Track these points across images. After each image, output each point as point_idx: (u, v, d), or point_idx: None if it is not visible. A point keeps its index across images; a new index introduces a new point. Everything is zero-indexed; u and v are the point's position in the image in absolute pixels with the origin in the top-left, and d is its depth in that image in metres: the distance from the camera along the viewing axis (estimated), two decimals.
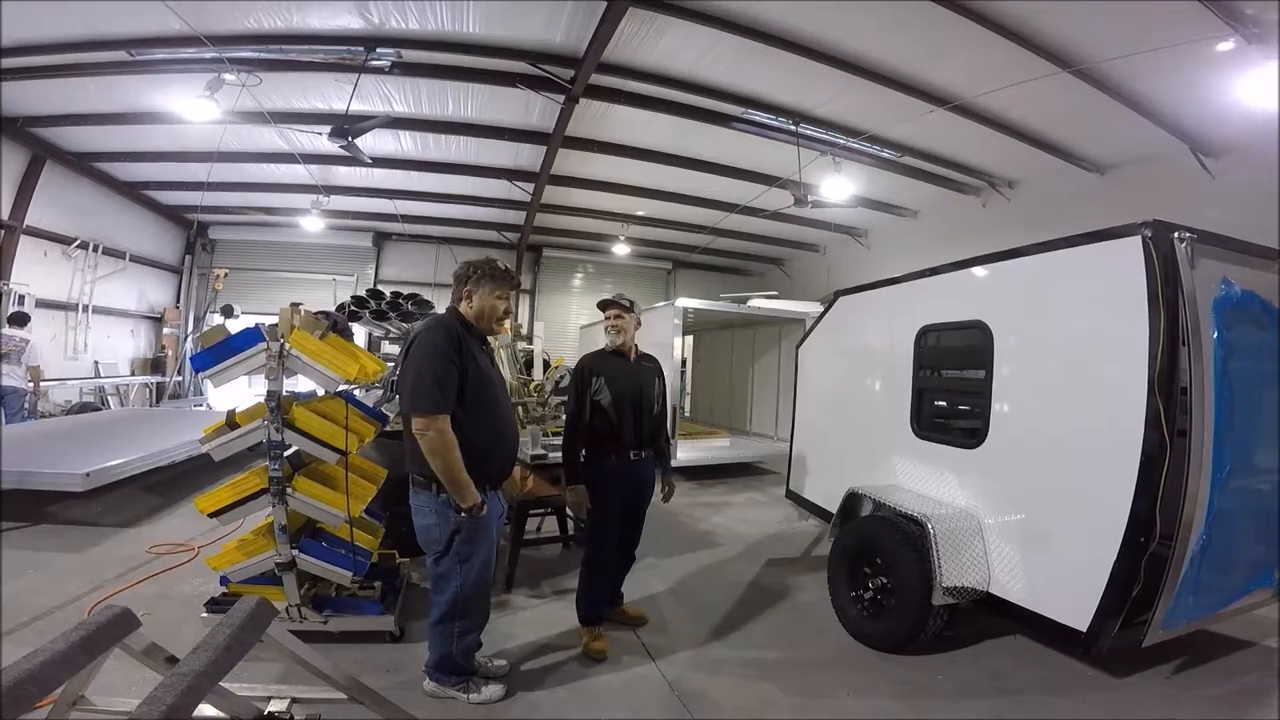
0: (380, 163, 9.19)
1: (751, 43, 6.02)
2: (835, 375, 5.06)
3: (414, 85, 7.41)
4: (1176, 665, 3.17)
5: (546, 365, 7.99)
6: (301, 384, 3.38)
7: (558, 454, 4.17)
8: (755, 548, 5.20)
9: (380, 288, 8.40)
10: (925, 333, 3.93)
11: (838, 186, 8.63)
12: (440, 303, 6.61)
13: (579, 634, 3.28)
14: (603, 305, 3.33)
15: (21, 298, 8.76)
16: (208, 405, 10.84)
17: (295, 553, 2.97)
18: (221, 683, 1.77)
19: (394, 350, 6.76)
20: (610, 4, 5.48)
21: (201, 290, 13.42)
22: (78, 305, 10.48)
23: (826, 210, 10.33)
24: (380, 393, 5.53)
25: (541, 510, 4.73)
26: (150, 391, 11.99)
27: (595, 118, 7.96)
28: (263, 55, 6.69)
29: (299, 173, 10.19)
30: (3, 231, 8.84)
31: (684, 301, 7.95)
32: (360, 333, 6.19)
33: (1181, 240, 2.63)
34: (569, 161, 9.33)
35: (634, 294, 3.75)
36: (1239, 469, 2.74)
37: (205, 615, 3.06)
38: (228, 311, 10.81)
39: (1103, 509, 2.67)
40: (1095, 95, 6.20)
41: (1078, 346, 3.01)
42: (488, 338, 2.79)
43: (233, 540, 3.16)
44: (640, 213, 12.07)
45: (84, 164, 9.99)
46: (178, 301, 13.28)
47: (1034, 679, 3.09)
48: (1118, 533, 2.59)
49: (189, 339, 12.46)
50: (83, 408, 9.45)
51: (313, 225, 12.11)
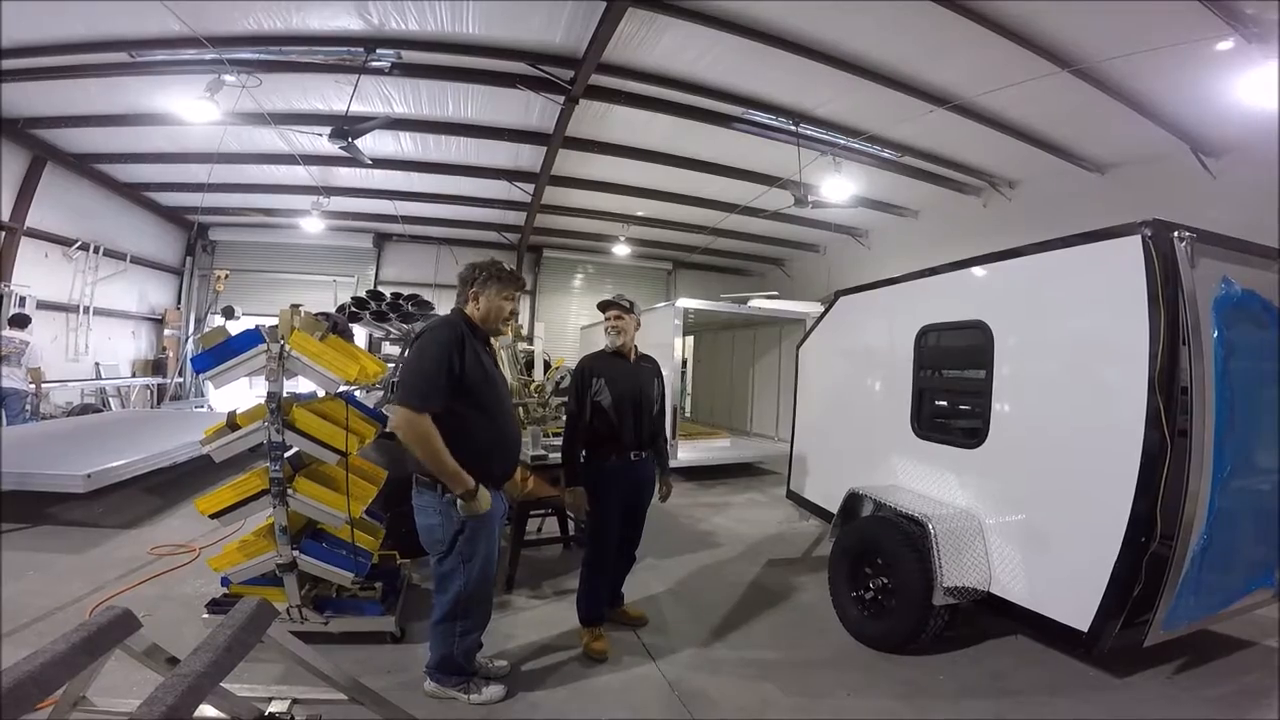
0: (380, 164, 9.19)
1: (751, 43, 6.02)
2: (836, 375, 5.06)
3: (414, 86, 7.41)
4: (1178, 665, 3.16)
5: (547, 366, 8.01)
6: (302, 385, 3.38)
7: (558, 455, 4.19)
8: (756, 548, 5.20)
9: (380, 289, 8.41)
10: (925, 333, 3.93)
11: (838, 186, 8.64)
12: (441, 304, 6.63)
13: (579, 634, 3.28)
14: (603, 306, 3.34)
15: (22, 299, 8.77)
16: (209, 407, 10.85)
17: (296, 554, 2.97)
18: (222, 684, 1.77)
19: (394, 351, 6.76)
20: (610, 4, 5.48)
21: (202, 292, 13.44)
22: (79, 307, 10.49)
23: (827, 210, 10.33)
24: (381, 394, 5.53)
25: (542, 511, 4.74)
26: (151, 393, 12.00)
27: (595, 118, 7.97)
28: (263, 56, 6.70)
29: (299, 174, 10.20)
30: (3, 233, 8.85)
31: (684, 302, 7.95)
32: (360, 334, 6.18)
33: (1181, 239, 2.63)
34: (569, 162, 9.33)
35: (634, 295, 3.75)
36: (1240, 469, 2.73)
37: (206, 616, 3.06)
38: (229, 313, 10.84)
39: (1103, 509, 2.67)
40: (1095, 95, 6.20)
41: (1078, 346, 3.01)
42: (491, 339, 2.80)
43: (234, 541, 3.16)
44: (640, 213, 12.07)
45: (85, 165, 10.00)
46: (178, 303, 13.29)
47: (1035, 679, 3.09)
48: (1118, 533, 2.59)
49: (190, 340, 12.46)
50: (84, 409, 9.46)
51: (313, 226, 12.14)
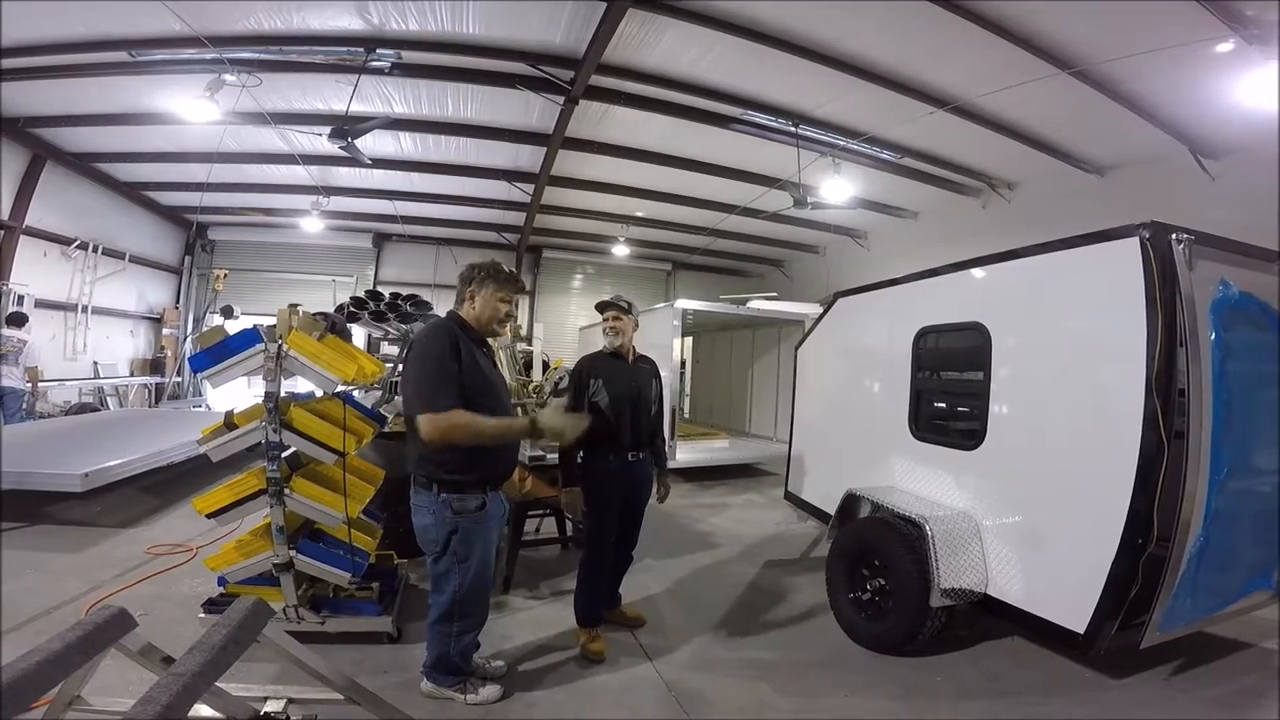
0: (380, 164, 9.19)
1: (751, 44, 6.03)
2: (834, 376, 5.07)
3: (414, 86, 7.42)
4: (1175, 667, 3.16)
5: (546, 366, 8.01)
6: (300, 385, 3.38)
7: (556, 455, 4.19)
8: (754, 549, 5.20)
9: (379, 289, 8.40)
10: (924, 334, 3.93)
11: (837, 188, 8.64)
12: (440, 304, 6.61)
13: (577, 635, 3.28)
14: (601, 307, 3.34)
15: (21, 298, 8.77)
16: (207, 406, 10.84)
17: (293, 554, 2.97)
18: (218, 683, 1.76)
19: (393, 351, 6.75)
20: (610, 5, 5.48)
21: (201, 291, 13.44)
22: (77, 306, 10.49)
23: (826, 211, 10.34)
24: (379, 394, 5.52)
25: (540, 511, 4.73)
26: (149, 392, 11.99)
27: (595, 119, 7.97)
28: (263, 56, 6.70)
29: (299, 174, 10.20)
30: (2, 232, 8.85)
31: (683, 303, 7.95)
32: (359, 334, 6.17)
33: (1179, 242, 2.63)
34: (568, 162, 9.34)
35: (633, 295, 3.76)
36: (1237, 470, 2.73)
37: (203, 615, 3.05)
38: (227, 312, 10.81)
39: (1101, 510, 2.67)
40: (1095, 96, 6.21)
41: (1076, 348, 3.01)
42: (488, 340, 2.80)
43: (231, 541, 3.16)
44: (639, 214, 12.07)
45: (84, 164, 10.01)
46: (177, 302, 13.29)
47: (1032, 680, 3.09)
48: (1115, 534, 2.59)
49: (188, 340, 12.46)
50: (82, 408, 9.45)
51: (312, 226, 12.14)
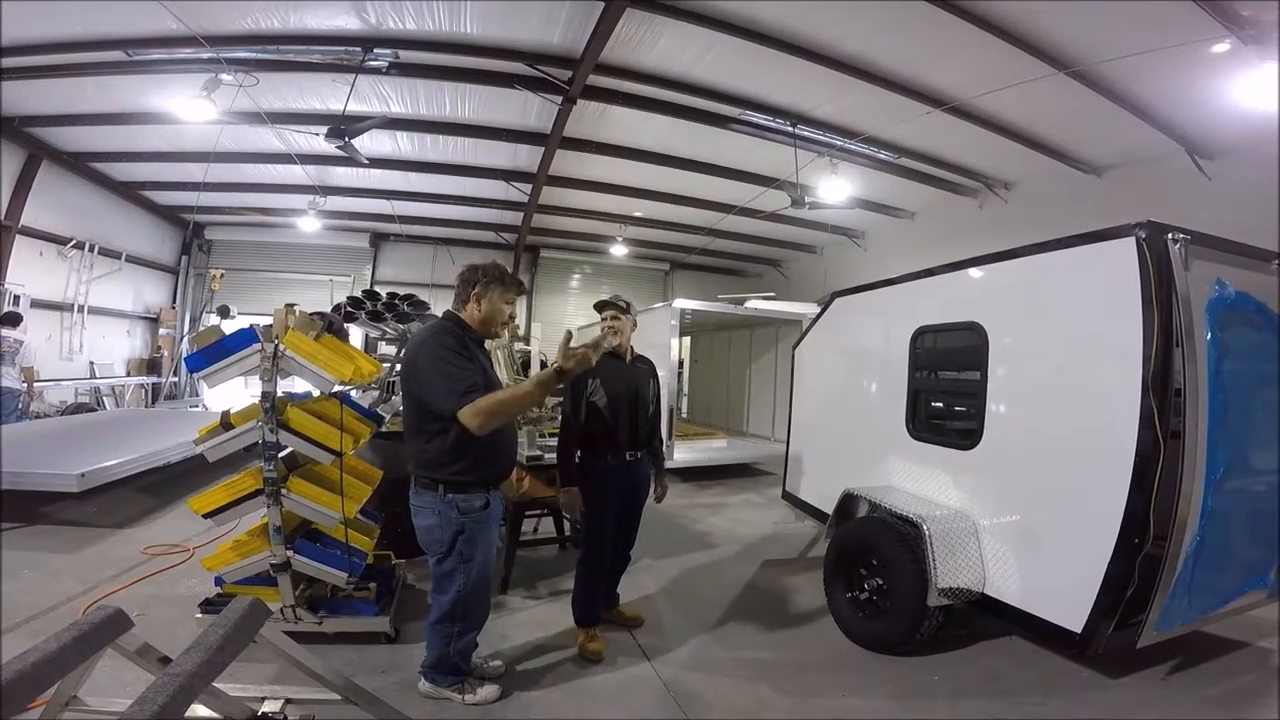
0: (377, 163, 9.17)
1: (749, 44, 6.03)
2: (831, 376, 5.07)
3: (411, 86, 7.40)
4: (1171, 666, 3.17)
5: (543, 366, 8.00)
6: (297, 385, 3.37)
7: (554, 455, 4.18)
8: (751, 549, 5.20)
9: (376, 288, 8.38)
10: (921, 334, 3.94)
11: (835, 188, 8.65)
12: (437, 303, 6.61)
13: (575, 635, 3.28)
14: (600, 306, 3.34)
15: (17, 298, 8.74)
16: (203, 406, 10.81)
17: (290, 554, 2.96)
18: (215, 683, 1.76)
19: (390, 351, 6.74)
20: (608, 4, 5.48)
21: (198, 291, 13.40)
22: (73, 305, 10.45)
23: (824, 211, 10.35)
24: (376, 394, 5.51)
25: (538, 511, 4.73)
26: (146, 392, 11.95)
27: (593, 119, 7.97)
28: (260, 55, 6.68)
29: (296, 173, 10.18)
30: None
31: (681, 303, 7.95)
32: (356, 333, 6.16)
33: (1175, 241, 2.64)
34: (566, 162, 9.33)
35: (631, 295, 3.75)
36: (1233, 470, 2.74)
37: (199, 616, 3.05)
38: (224, 312, 10.80)
39: (1097, 510, 2.68)
40: (1092, 97, 6.22)
41: (1072, 348, 3.02)
42: (485, 341, 2.80)
43: (227, 541, 3.15)
44: (637, 214, 12.07)
45: (80, 164, 9.97)
46: (174, 302, 13.25)
47: (1029, 679, 3.10)
48: (1112, 533, 2.60)
49: (185, 340, 12.42)
50: (78, 408, 9.41)
51: (309, 226, 12.11)
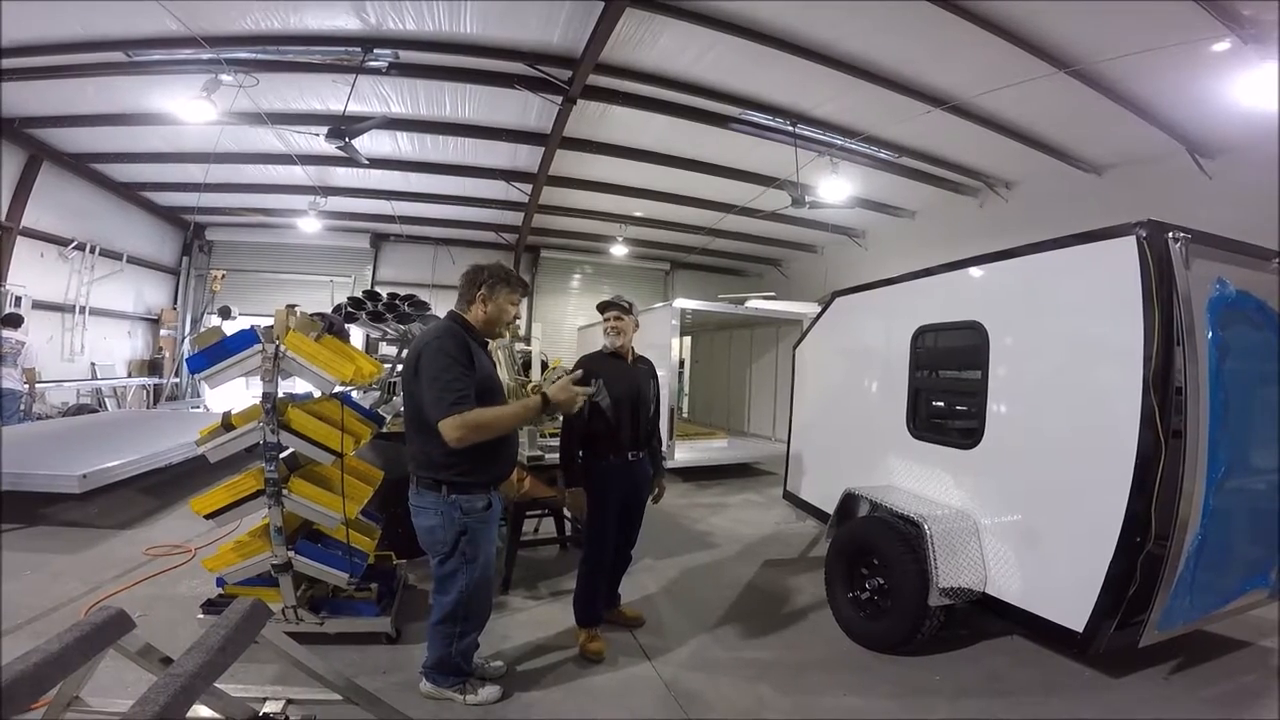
0: (377, 164, 9.17)
1: (749, 43, 6.03)
2: (832, 376, 5.07)
3: (411, 86, 7.40)
4: (1173, 666, 3.17)
5: (544, 366, 8.01)
6: (298, 386, 3.37)
7: (554, 455, 4.18)
8: (752, 548, 5.20)
9: (377, 289, 8.38)
10: (921, 333, 3.94)
11: (835, 187, 8.64)
12: (438, 304, 6.62)
13: (576, 635, 3.28)
14: (603, 307, 3.33)
15: (18, 299, 8.74)
16: (205, 407, 10.82)
17: (291, 554, 2.96)
18: (216, 684, 1.76)
19: (391, 352, 6.74)
20: (607, 4, 5.48)
21: (199, 292, 13.40)
22: (74, 307, 10.46)
23: (824, 211, 10.33)
24: (377, 394, 5.52)
25: (539, 511, 4.73)
26: (147, 393, 11.96)
27: (593, 118, 7.96)
28: (260, 56, 6.68)
29: (296, 174, 10.18)
30: None
31: (682, 302, 7.95)
32: (357, 334, 6.16)
33: (1176, 240, 2.64)
34: (566, 162, 9.33)
35: (632, 295, 3.76)
36: (1234, 469, 2.74)
37: (201, 616, 3.05)
38: (225, 313, 10.80)
39: (1099, 509, 2.68)
40: (1092, 96, 6.21)
41: (1073, 347, 3.01)
42: (488, 341, 2.80)
43: (229, 542, 3.15)
44: (638, 213, 12.07)
45: (81, 165, 9.97)
46: (175, 303, 13.26)
47: (1030, 679, 3.10)
48: (1114, 533, 2.60)
49: (186, 341, 12.42)
50: (79, 409, 9.42)
51: (310, 226, 12.12)
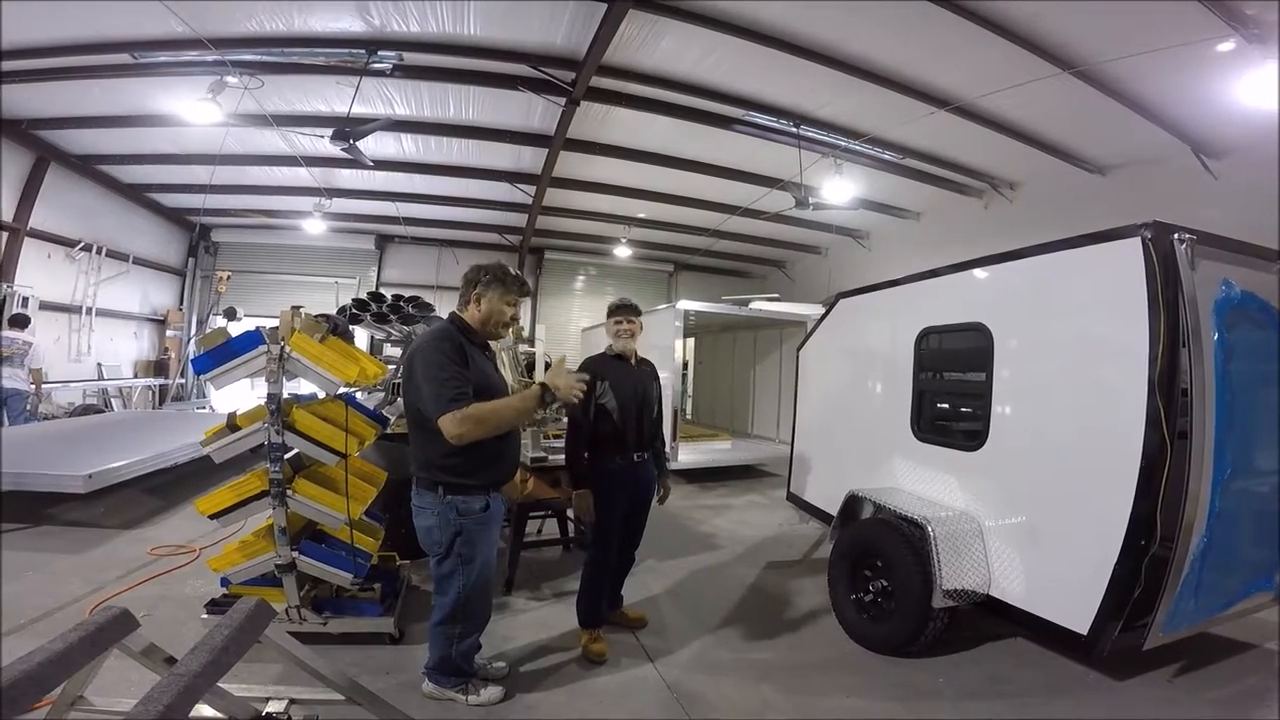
0: (382, 165, 9.19)
1: (752, 45, 6.02)
2: (836, 378, 5.06)
3: (415, 88, 7.42)
4: (1178, 668, 3.15)
5: (548, 367, 8.00)
6: (303, 387, 3.38)
7: (558, 457, 4.18)
8: (756, 550, 5.20)
9: (382, 290, 8.40)
10: (926, 335, 3.93)
11: (839, 188, 8.64)
12: (442, 305, 6.64)
13: (578, 636, 3.28)
14: (613, 310, 3.33)
15: (25, 300, 8.79)
16: (210, 408, 10.86)
17: (295, 554, 2.97)
18: (220, 683, 1.77)
19: (395, 353, 6.77)
20: (610, 6, 5.48)
21: (204, 293, 13.45)
22: (81, 307, 10.51)
23: (828, 212, 10.33)
24: (381, 396, 5.54)
25: (541, 513, 4.73)
26: (153, 394, 12.01)
27: (596, 120, 7.97)
28: (265, 58, 6.71)
29: (301, 175, 10.22)
30: (6, 234, 8.87)
31: (685, 304, 7.95)
32: (361, 335, 6.19)
33: (1181, 241, 2.62)
34: (570, 164, 9.34)
35: (636, 296, 3.78)
36: (1240, 471, 2.73)
37: (205, 616, 3.06)
38: (230, 314, 10.85)
39: (1103, 511, 2.66)
40: (1096, 96, 6.19)
41: (1078, 348, 3.00)
42: (490, 342, 2.79)
43: (233, 542, 3.16)
44: (641, 215, 12.07)
45: (87, 166, 10.02)
46: (181, 304, 13.31)
47: (1034, 681, 3.09)
48: (1118, 535, 2.59)
49: (191, 342, 12.48)
50: (85, 410, 9.47)
51: (315, 228, 12.18)
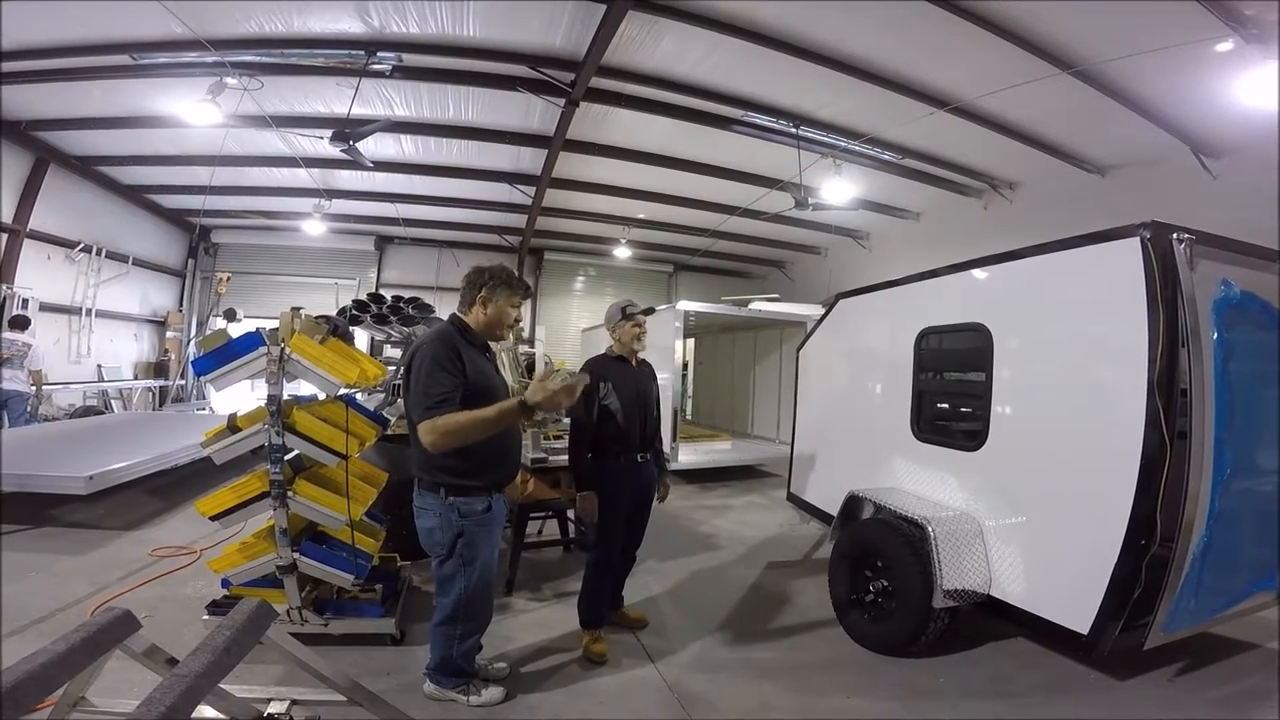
0: (382, 166, 9.20)
1: (752, 45, 6.03)
2: (836, 378, 5.06)
3: (415, 89, 7.43)
4: (1178, 668, 3.15)
5: (548, 368, 8.00)
6: (303, 388, 3.39)
7: (558, 458, 4.19)
8: (756, 551, 5.20)
9: (382, 292, 8.40)
10: (925, 335, 3.93)
11: (839, 189, 8.65)
12: (442, 306, 6.64)
13: (579, 636, 3.28)
14: (634, 314, 3.30)
15: (25, 301, 8.79)
16: (210, 409, 10.86)
17: (296, 556, 2.98)
18: (221, 684, 1.77)
19: (395, 354, 6.77)
20: (609, 7, 5.49)
21: (204, 294, 13.44)
22: (81, 309, 10.51)
23: (828, 213, 10.33)
24: (381, 397, 5.53)
25: (542, 514, 4.73)
26: (153, 395, 12.02)
27: (596, 121, 7.98)
28: (264, 59, 6.72)
29: (301, 176, 10.22)
30: (6, 235, 8.87)
31: (685, 305, 7.94)
32: (361, 337, 6.18)
33: (1180, 241, 2.63)
34: (570, 164, 9.34)
35: (635, 297, 3.78)
36: (1240, 470, 2.73)
37: (206, 617, 3.06)
38: (230, 315, 10.84)
39: (1103, 511, 2.67)
40: (1095, 96, 6.20)
41: (1077, 348, 3.01)
42: (491, 344, 2.79)
43: (234, 543, 3.17)
44: (641, 216, 12.06)
45: (87, 167, 10.02)
46: (181, 305, 13.31)
47: (1035, 681, 3.09)
48: (1119, 535, 2.59)
49: (191, 343, 12.48)
50: (86, 411, 9.47)
51: (315, 229, 12.19)
